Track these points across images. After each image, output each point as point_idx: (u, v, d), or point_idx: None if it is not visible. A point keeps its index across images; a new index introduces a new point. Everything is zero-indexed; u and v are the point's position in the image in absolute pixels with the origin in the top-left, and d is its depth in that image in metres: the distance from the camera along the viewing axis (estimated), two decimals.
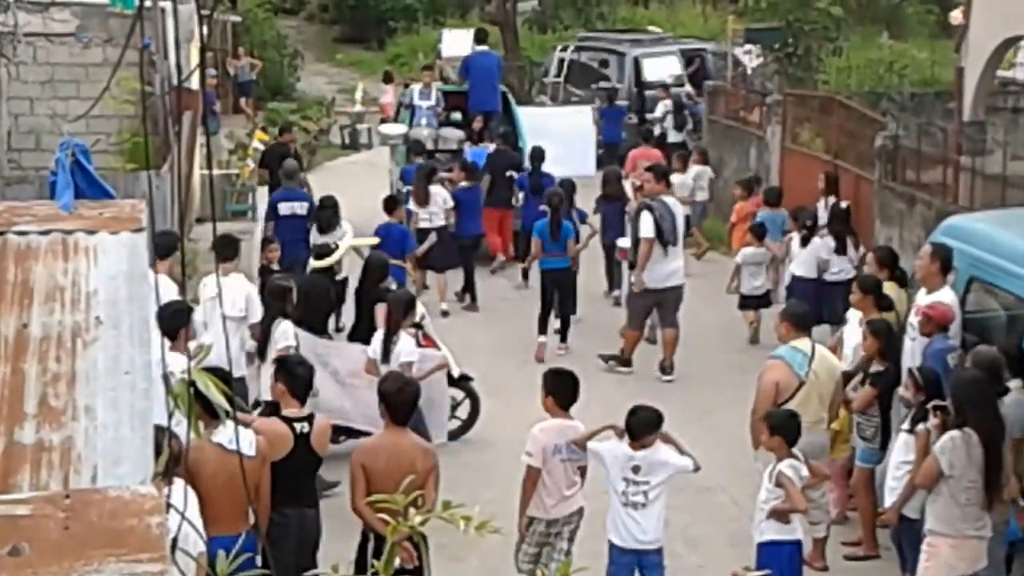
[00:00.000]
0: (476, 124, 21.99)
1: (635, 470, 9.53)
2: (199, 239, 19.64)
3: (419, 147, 20.35)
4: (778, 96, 22.49)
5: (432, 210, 17.97)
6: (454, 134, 22.12)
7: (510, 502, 10.45)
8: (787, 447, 9.74)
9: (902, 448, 10.02)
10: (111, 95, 13.87)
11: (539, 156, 19.61)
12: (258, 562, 7.49)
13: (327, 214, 16.54)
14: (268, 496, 8.60)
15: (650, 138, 23.18)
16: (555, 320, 16.52)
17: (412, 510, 4.33)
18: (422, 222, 18.02)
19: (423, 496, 8.02)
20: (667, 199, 15.53)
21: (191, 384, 4.48)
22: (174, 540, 4.25)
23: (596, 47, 30.59)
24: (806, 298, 15.35)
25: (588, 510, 10.02)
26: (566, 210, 16.98)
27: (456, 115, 22.73)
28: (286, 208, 16.93)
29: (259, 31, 37.79)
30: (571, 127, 23.14)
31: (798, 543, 9.87)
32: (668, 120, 25.94)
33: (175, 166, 15.73)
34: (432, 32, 38.48)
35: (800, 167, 19.77)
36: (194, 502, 6.98)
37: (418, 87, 22.79)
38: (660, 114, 26.25)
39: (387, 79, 32.76)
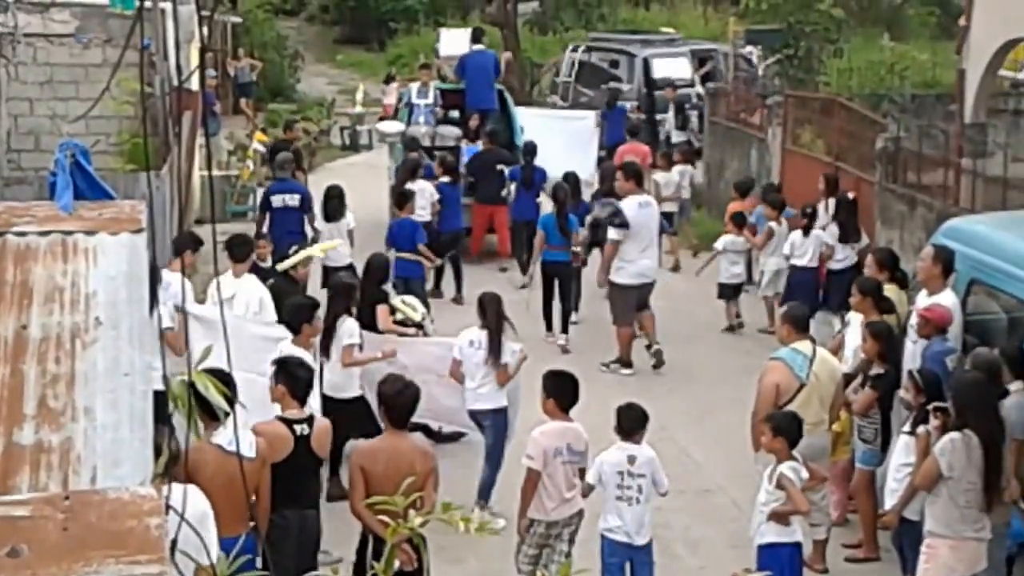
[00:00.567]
0: (473, 122, 22.16)
1: (631, 460, 9.61)
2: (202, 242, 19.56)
3: (414, 144, 20.46)
4: (779, 98, 22.48)
5: (420, 204, 18.00)
6: (451, 132, 22.36)
7: (510, 504, 10.46)
8: (789, 449, 9.73)
9: (903, 450, 10.01)
10: (111, 96, 13.88)
11: (531, 151, 19.93)
12: (258, 564, 7.48)
13: (333, 203, 16.90)
14: (268, 498, 8.58)
15: (637, 133, 23.39)
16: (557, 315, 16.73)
17: (411, 512, 4.33)
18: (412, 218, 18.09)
19: (422, 498, 8.04)
20: (639, 198, 15.67)
21: (191, 385, 4.48)
22: (173, 541, 4.24)
23: (607, 47, 30.88)
24: (806, 287, 15.99)
25: (588, 512, 10.02)
26: (572, 204, 17.21)
27: (454, 113, 23.02)
28: (278, 200, 17.16)
29: (259, 32, 37.81)
30: (574, 130, 23.29)
31: (798, 545, 9.86)
32: (669, 121, 25.95)
33: (175, 167, 15.73)
34: (432, 33, 38.49)
35: (801, 169, 19.76)
36: (204, 503, 6.97)
37: (416, 85, 23.06)
38: (664, 114, 26.33)
39: (388, 80, 32.79)
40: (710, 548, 11.23)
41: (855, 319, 11.72)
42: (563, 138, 22.23)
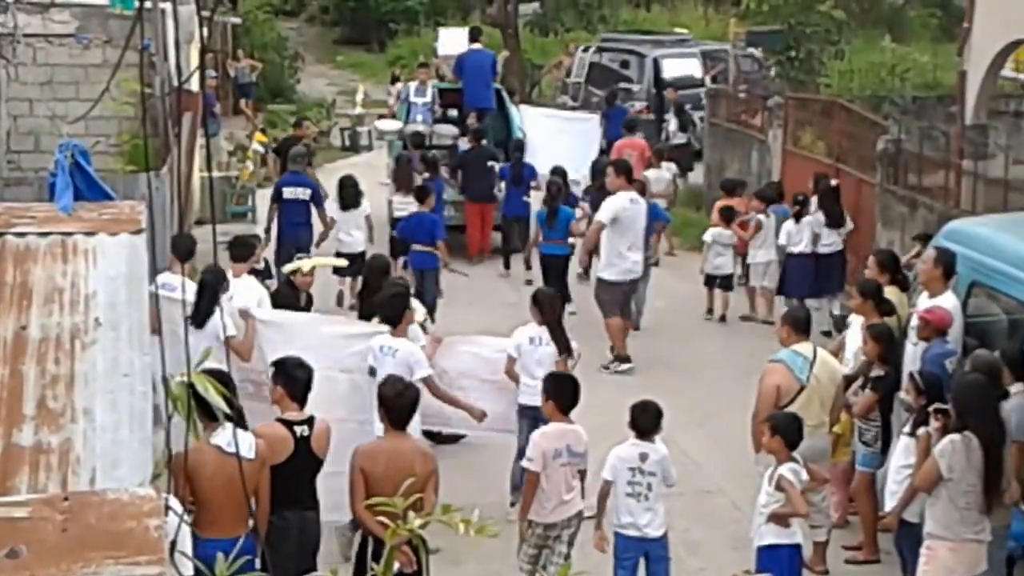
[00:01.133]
0: (470, 120, 22.34)
1: (642, 458, 9.66)
2: (198, 241, 19.57)
3: (418, 139, 20.87)
4: (780, 99, 22.47)
5: (408, 199, 18.34)
6: (448, 130, 22.69)
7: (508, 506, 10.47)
8: (787, 449, 9.72)
9: (903, 452, 10.00)
10: (111, 96, 13.85)
11: (519, 147, 20.48)
12: (257, 565, 7.47)
13: (349, 192, 17.81)
14: (267, 499, 8.57)
15: (633, 128, 23.58)
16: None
17: (411, 513, 4.31)
18: (398, 210, 18.53)
19: (422, 500, 8.02)
20: (629, 194, 15.75)
21: (190, 386, 4.47)
22: (173, 542, 4.23)
23: (617, 48, 31.16)
24: (803, 272, 16.75)
25: (588, 514, 10.00)
26: (564, 196, 17.83)
27: (452, 112, 23.31)
28: (289, 192, 17.59)
29: (259, 33, 37.81)
30: (577, 131, 23.47)
31: (797, 547, 9.85)
32: (671, 122, 25.95)
33: (175, 168, 15.70)
34: (433, 34, 38.48)
35: (802, 170, 19.73)
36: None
37: (414, 84, 23.42)
38: (670, 115, 26.41)
39: (394, 80, 32.81)
40: (710, 550, 11.22)
41: (856, 321, 11.71)
42: (566, 137, 22.49)
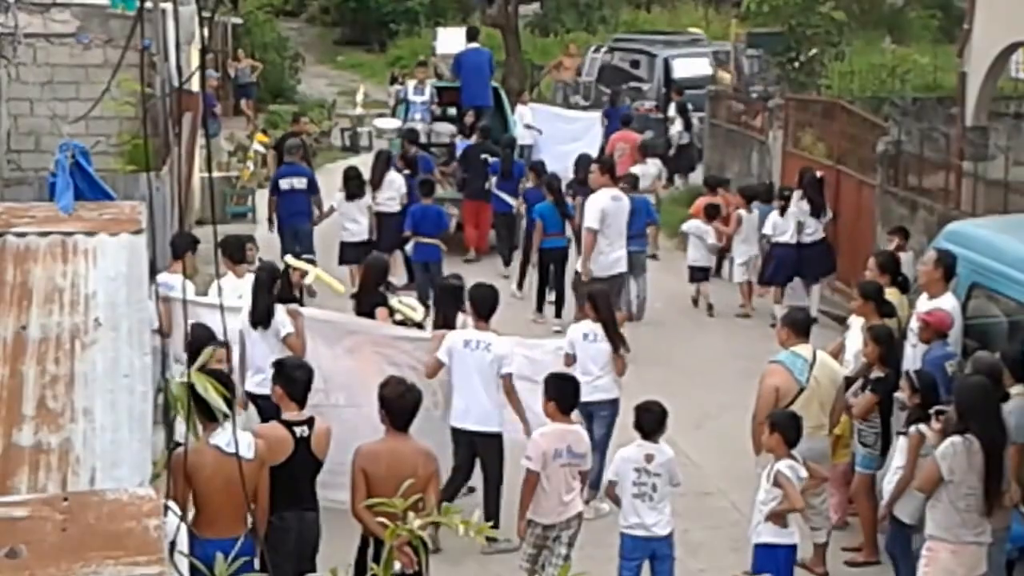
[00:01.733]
0: (468, 119, 22.55)
1: (648, 459, 9.69)
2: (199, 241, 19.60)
3: (413, 136, 20.96)
4: (780, 100, 22.47)
5: (389, 195, 18.61)
6: (446, 128, 23.03)
7: (511, 507, 10.45)
8: (786, 447, 9.72)
9: (901, 453, 10.01)
10: (111, 96, 13.85)
11: (510, 144, 20.74)
12: (256, 566, 7.47)
13: (353, 183, 18.28)
14: (266, 499, 8.57)
15: (630, 122, 24.14)
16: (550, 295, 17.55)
17: (411, 514, 4.31)
18: (379, 206, 18.68)
19: (423, 501, 8.01)
20: (611, 191, 15.75)
21: (190, 387, 4.47)
22: (172, 543, 4.23)
23: (628, 48, 31.38)
24: (788, 261, 17.33)
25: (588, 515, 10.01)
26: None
27: (451, 110, 23.57)
28: (286, 183, 18.28)
29: (260, 33, 37.80)
30: (580, 129, 24.35)
31: (794, 547, 9.86)
32: (675, 123, 25.95)
33: (175, 168, 15.70)
34: (433, 35, 38.51)
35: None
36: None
37: (413, 83, 23.79)
38: (671, 114, 26.40)
39: (393, 80, 32.80)
40: (710, 551, 11.21)
41: (856, 323, 11.70)
42: (569, 135, 23.37)
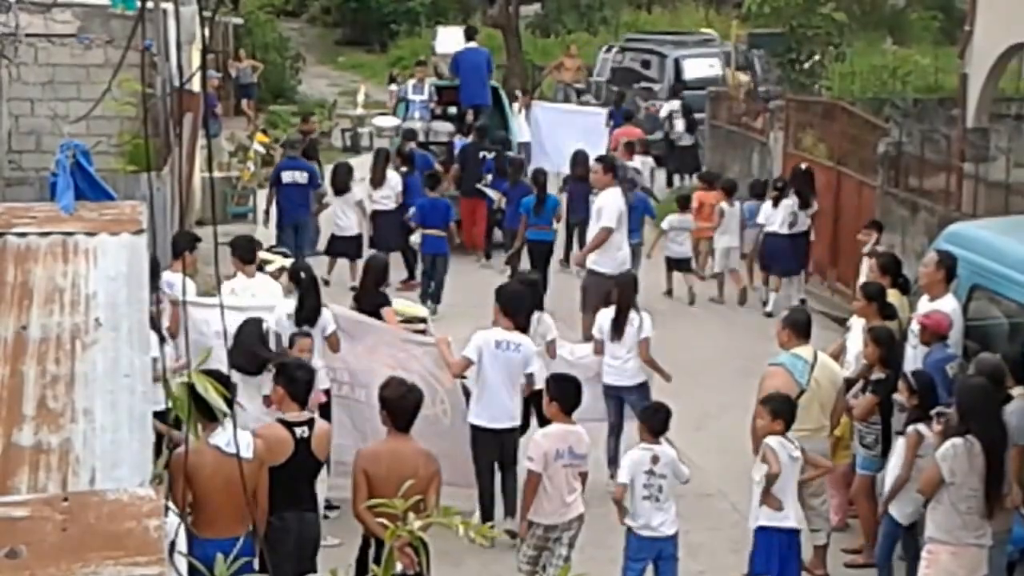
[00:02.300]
0: (468, 118, 22.82)
1: (654, 460, 9.73)
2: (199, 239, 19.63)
3: (411, 134, 21.32)
4: (781, 102, 22.47)
5: (385, 193, 19.01)
6: (444, 127, 23.24)
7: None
8: (781, 426, 9.79)
9: (900, 454, 10.01)
10: (112, 97, 13.81)
11: (501, 141, 21.22)
12: (256, 566, 7.46)
13: (341, 178, 18.80)
14: (266, 500, 8.57)
15: (632, 117, 24.83)
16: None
17: (412, 515, 4.31)
18: (375, 204, 19.07)
19: (424, 501, 8.02)
20: (616, 190, 15.91)
21: (190, 387, 4.46)
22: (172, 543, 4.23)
23: (639, 48, 31.59)
24: (780, 251, 17.92)
25: (588, 516, 10.00)
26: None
27: (452, 109, 23.77)
28: (288, 176, 18.78)
29: (261, 33, 37.80)
30: (586, 125, 24.55)
31: (793, 532, 9.86)
32: (678, 123, 25.99)
33: (176, 168, 15.70)
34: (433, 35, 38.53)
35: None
36: None
37: (412, 82, 24.08)
38: (664, 115, 26.41)
39: (391, 81, 32.83)
40: (710, 552, 11.21)
41: (857, 324, 11.69)
42: (575, 131, 23.44)
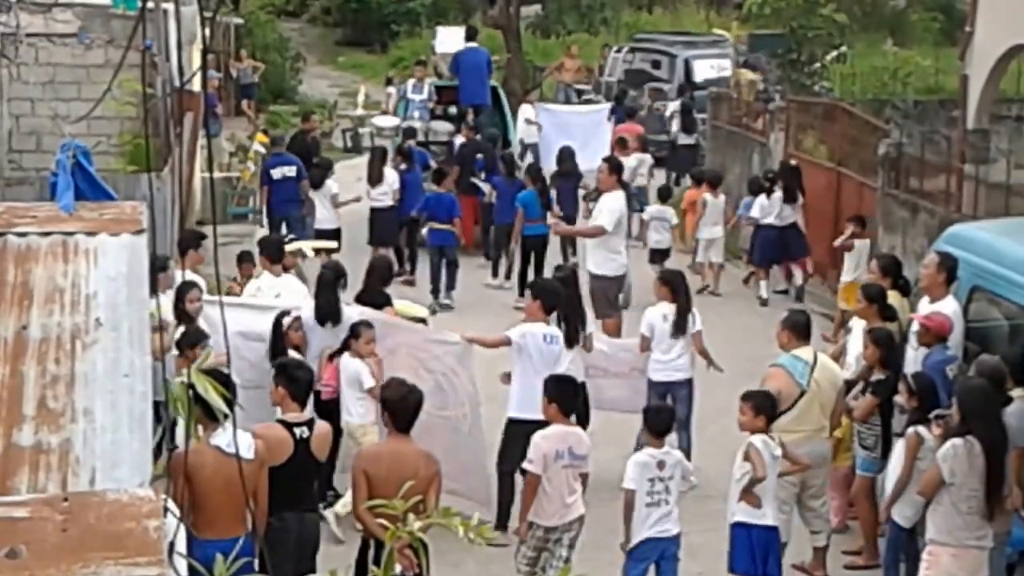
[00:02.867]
0: (469, 118, 22.94)
1: (660, 465, 9.73)
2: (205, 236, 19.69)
3: (410, 133, 21.70)
4: (781, 103, 22.47)
5: (383, 190, 19.41)
6: (443, 126, 23.61)
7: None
8: (762, 423, 9.79)
9: (900, 455, 10.01)
10: (112, 97, 13.83)
11: (492, 139, 21.60)
12: (256, 566, 7.46)
13: (317, 173, 19.29)
14: (266, 500, 8.57)
15: (634, 114, 25.20)
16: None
17: (412, 516, 4.30)
18: (373, 201, 19.48)
19: (424, 502, 8.02)
20: (620, 192, 16.02)
21: (190, 387, 4.46)
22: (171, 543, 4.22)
23: (649, 48, 31.84)
24: (771, 242, 18.64)
25: (589, 518, 9.99)
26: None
27: (452, 109, 24.04)
28: (278, 172, 19.40)
29: (261, 34, 37.79)
30: (589, 123, 25.29)
31: (770, 529, 9.85)
32: (674, 123, 26.04)
33: (176, 168, 15.70)
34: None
35: (803, 174, 19.73)
36: None
37: (412, 82, 24.40)
38: (668, 114, 26.52)
39: (388, 82, 32.80)
40: (710, 554, 11.18)
41: (858, 325, 11.69)
42: (578, 131, 24.17)
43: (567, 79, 32.66)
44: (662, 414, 10.02)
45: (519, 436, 11.02)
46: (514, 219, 18.45)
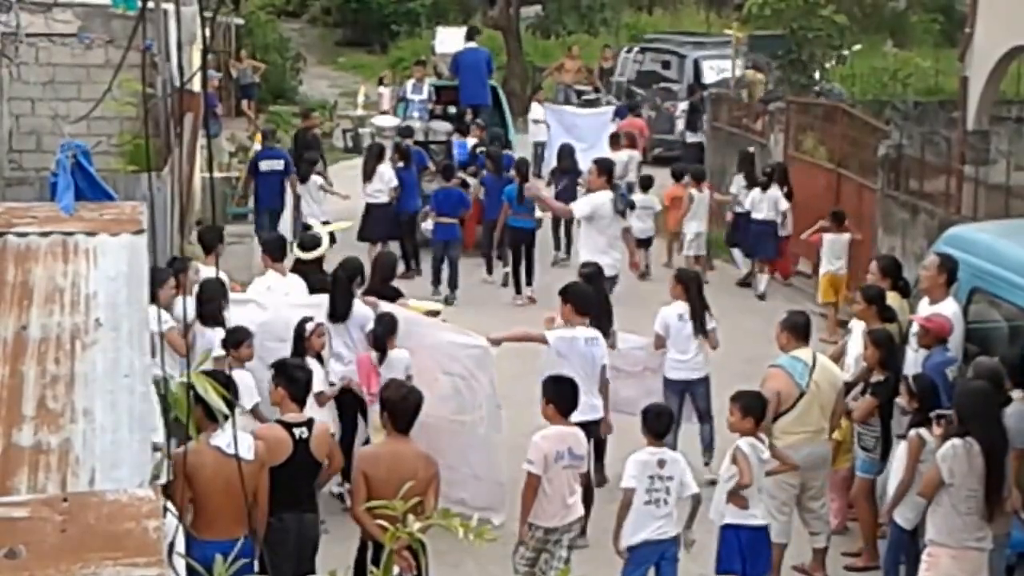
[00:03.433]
0: (468, 118, 23.17)
1: (660, 464, 9.70)
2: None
3: (408, 132, 21.69)
4: (781, 104, 22.46)
5: (376, 187, 19.39)
6: (443, 126, 23.59)
7: (511, 509, 10.43)
8: (751, 425, 9.78)
9: (901, 457, 10.00)
10: (112, 97, 13.83)
11: (495, 138, 21.64)
12: (256, 567, 7.46)
13: (304, 167, 19.71)
14: (266, 501, 8.57)
15: (637, 109, 25.63)
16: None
17: (411, 517, 4.31)
18: (367, 197, 19.52)
19: (423, 503, 8.02)
20: (609, 193, 15.88)
21: (190, 387, 4.46)
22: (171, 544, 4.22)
23: (659, 48, 31.96)
24: (764, 237, 18.87)
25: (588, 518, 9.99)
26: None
27: (452, 109, 24.10)
28: (265, 166, 19.72)
29: (262, 34, 37.79)
30: (592, 125, 25.48)
31: (759, 529, 9.85)
32: (679, 123, 26.12)
33: (176, 168, 15.69)
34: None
35: (803, 175, 19.75)
36: None
37: (411, 82, 24.42)
38: (677, 113, 26.62)
39: (380, 83, 32.81)
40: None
41: (858, 327, 11.69)
42: (582, 132, 24.48)
43: (567, 80, 32.63)
44: (662, 415, 9.97)
45: None
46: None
